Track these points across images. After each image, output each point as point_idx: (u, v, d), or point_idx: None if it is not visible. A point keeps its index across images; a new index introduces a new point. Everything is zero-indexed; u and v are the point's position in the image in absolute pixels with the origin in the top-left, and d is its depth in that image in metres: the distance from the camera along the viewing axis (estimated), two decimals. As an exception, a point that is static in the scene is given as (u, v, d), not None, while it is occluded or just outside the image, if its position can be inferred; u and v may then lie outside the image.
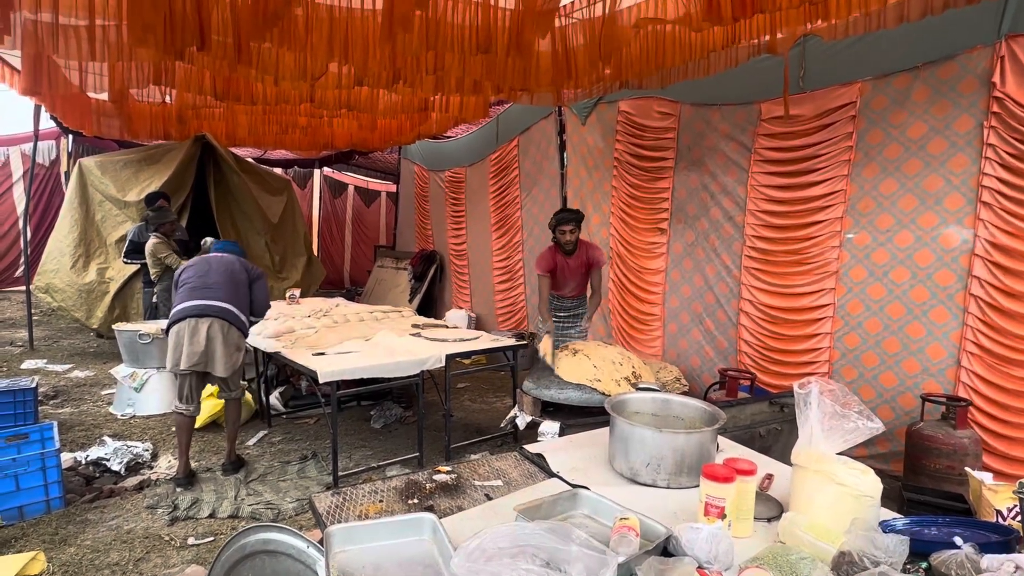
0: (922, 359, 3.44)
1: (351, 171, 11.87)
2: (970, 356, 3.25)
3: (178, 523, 2.99)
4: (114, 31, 3.18)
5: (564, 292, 4.18)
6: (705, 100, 4.50)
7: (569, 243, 3.95)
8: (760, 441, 2.76)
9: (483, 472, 1.70)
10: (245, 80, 4.29)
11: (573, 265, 4.06)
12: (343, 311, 5.05)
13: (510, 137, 6.70)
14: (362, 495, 1.56)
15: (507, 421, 3.42)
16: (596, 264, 4.08)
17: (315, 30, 3.12)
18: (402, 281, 8.67)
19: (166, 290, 5.15)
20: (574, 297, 4.22)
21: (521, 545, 1.00)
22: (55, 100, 4.92)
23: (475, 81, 3.79)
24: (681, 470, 1.53)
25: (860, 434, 1.22)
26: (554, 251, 4.06)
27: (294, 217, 7.85)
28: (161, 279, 5.21)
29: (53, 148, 9.22)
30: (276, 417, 4.57)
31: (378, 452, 3.99)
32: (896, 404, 3.56)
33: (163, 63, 3.83)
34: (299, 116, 5.90)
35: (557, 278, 4.10)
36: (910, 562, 1.13)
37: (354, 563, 1.20)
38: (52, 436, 3.32)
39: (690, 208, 4.75)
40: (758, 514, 1.34)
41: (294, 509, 3.15)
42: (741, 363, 4.39)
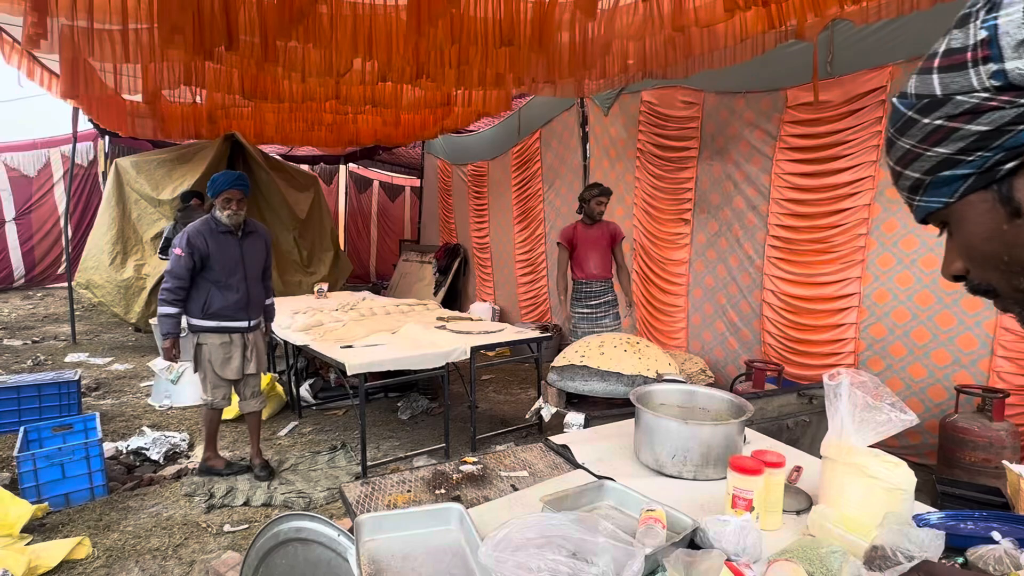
0: (952, 349, 3.33)
1: (376, 167, 11.99)
2: (1004, 346, 3.14)
3: (214, 511, 3.10)
4: (146, 34, 3.27)
5: (588, 270, 4.16)
6: (729, 88, 4.41)
7: (600, 213, 4.09)
8: (788, 433, 2.72)
9: (509, 463, 1.72)
10: (272, 78, 4.37)
11: (595, 236, 4.11)
12: (370, 304, 5.13)
13: (532, 130, 6.68)
14: (390, 485, 1.60)
15: (532, 412, 3.44)
16: (618, 236, 4.18)
17: (340, 27, 3.16)
18: (427, 275, 8.75)
19: None
20: (600, 278, 4.20)
21: (548, 536, 1.01)
22: (92, 103, 5.08)
23: (498, 74, 3.79)
24: (707, 462, 1.52)
25: (893, 426, 1.19)
26: (576, 224, 4.15)
27: (321, 213, 7.97)
28: None
29: (91, 149, 9.54)
30: (306, 408, 4.67)
31: (405, 443, 4.05)
32: (926, 396, 3.46)
33: (193, 64, 3.92)
34: (325, 113, 5.98)
35: (579, 252, 4.14)
36: (946, 557, 1.11)
37: (383, 551, 1.22)
38: (95, 426, 3.46)
39: (713, 198, 4.67)
40: (787, 507, 1.33)
41: (324, 498, 3.23)
42: (765, 354, 4.32)
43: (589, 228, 4.11)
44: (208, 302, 3.26)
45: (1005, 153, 0.44)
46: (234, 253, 3.32)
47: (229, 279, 3.29)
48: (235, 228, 3.32)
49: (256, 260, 3.42)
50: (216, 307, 3.27)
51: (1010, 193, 0.45)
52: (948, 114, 0.45)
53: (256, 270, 3.42)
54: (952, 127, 0.45)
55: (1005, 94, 0.42)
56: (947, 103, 0.45)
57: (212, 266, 3.25)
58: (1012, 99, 0.42)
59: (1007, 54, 0.41)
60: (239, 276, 3.32)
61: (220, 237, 3.28)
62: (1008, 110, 0.42)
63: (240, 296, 3.32)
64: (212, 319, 3.28)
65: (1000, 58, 0.42)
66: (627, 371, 3.02)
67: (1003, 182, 0.45)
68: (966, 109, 0.44)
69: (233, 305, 3.30)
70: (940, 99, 0.45)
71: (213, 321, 3.29)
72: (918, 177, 0.50)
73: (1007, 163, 0.44)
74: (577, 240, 4.13)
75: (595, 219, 4.10)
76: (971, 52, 0.43)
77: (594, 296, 4.20)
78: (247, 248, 3.38)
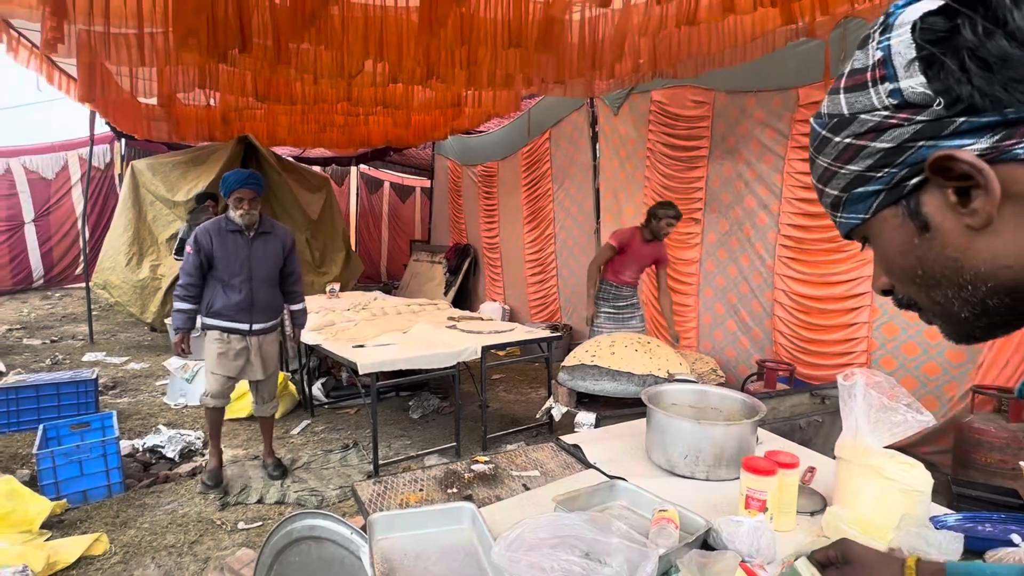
0: (968, 347, 3.29)
1: (386, 168, 12.05)
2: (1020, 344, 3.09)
3: (228, 508, 3.13)
4: (161, 38, 3.31)
5: (623, 277, 4.13)
6: (740, 87, 4.38)
7: (666, 235, 3.99)
8: (800, 433, 2.70)
9: (520, 462, 1.72)
10: (285, 81, 4.41)
11: (646, 252, 4.06)
12: (381, 304, 5.16)
13: (542, 130, 6.68)
14: (403, 484, 1.61)
15: (542, 412, 3.44)
16: (664, 261, 4.11)
17: (351, 29, 3.18)
18: (437, 274, 8.77)
19: None
20: (631, 284, 4.19)
21: (561, 536, 1.01)
22: (108, 106, 5.15)
23: (507, 75, 3.79)
24: (720, 462, 1.51)
25: (908, 427, 1.18)
26: (636, 232, 4.05)
27: (333, 213, 8.03)
28: None
29: (107, 152, 9.68)
30: (318, 407, 4.71)
31: (416, 442, 4.07)
32: (941, 394, 3.42)
33: (207, 67, 3.96)
34: (336, 115, 6.02)
35: (624, 259, 4.07)
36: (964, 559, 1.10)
37: (396, 550, 1.23)
38: (112, 424, 3.52)
39: (724, 197, 4.65)
40: (800, 508, 1.32)
41: (337, 496, 3.25)
42: (777, 354, 4.29)
43: (646, 243, 4.02)
44: (212, 300, 3.24)
45: (909, 169, 0.45)
46: (240, 253, 3.24)
47: (232, 279, 3.22)
48: (247, 228, 3.25)
49: (267, 262, 3.32)
50: (218, 306, 3.24)
51: (917, 208, 0.46)
52: (855, 132, 0.46)
53: (265, 272, 3.31)
54: (860, 145, 0.46)
55: (903, 112, 0.43)
56: (854, 122, 0.46)
57: (216, 265, 3.21)
58: (909, 116, 0.43)
59: (900, 73, 0.43)
60: (243, 277, 3.23)
61: (228, 236, 3.22)
62: (907, 127, 0.43)
63: (242, 297, 3.23)
64: (214, 317, 3.27)
65: (895, 77, 0.43)
66: (638, 371, 3.01)
67: (910, 197, 0.46)
68: (870, 127, 0.45)
69: (234, 306, 3.23)
70: (848, 118, 0.47)
71: (215, 320, 3.27)
72: (836, 194, 0.51)
73: (912, 179, 0.45)
74: (630, 249, 4.03)
75: (658, 237, 4.00)
76: (870, 72, 0.45)
77: (623, 299, 4.16)
78: (257, 249, 3.29)
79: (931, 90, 0.42)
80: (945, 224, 0.45)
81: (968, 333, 0.50)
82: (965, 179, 0.42)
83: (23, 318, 8.15)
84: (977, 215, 0.43)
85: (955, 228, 0.45)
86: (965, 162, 0.41)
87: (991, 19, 0.40)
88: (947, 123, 0.42)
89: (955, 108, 0.41)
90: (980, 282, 0.45)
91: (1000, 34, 0.39)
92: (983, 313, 0.47)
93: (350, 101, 4.83)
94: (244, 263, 3.24)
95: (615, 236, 4.07)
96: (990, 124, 0.41)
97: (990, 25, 0.40)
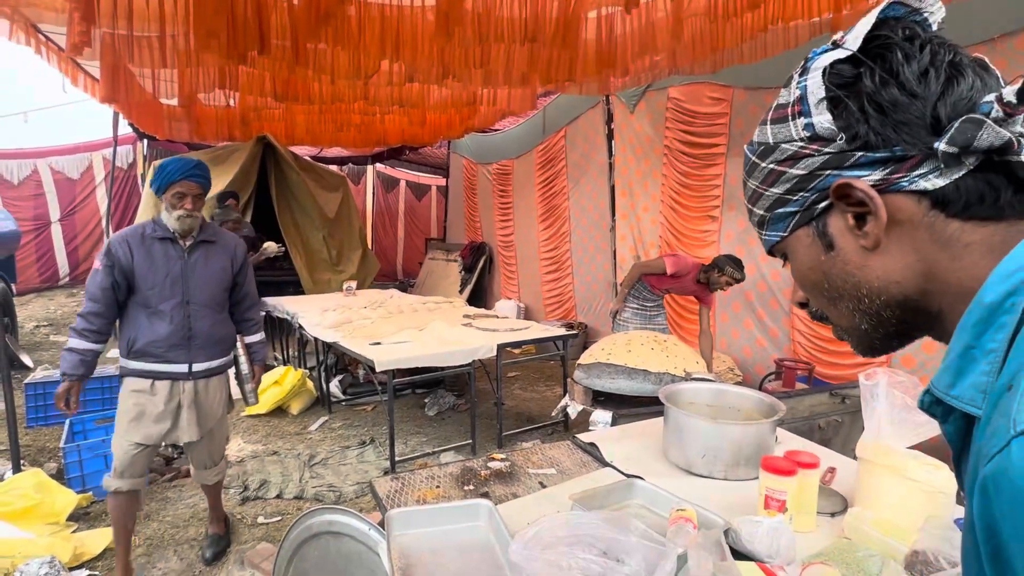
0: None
1: (402, 166, 12.11)
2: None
3: (248, 502, 3.18)
4: (183, 39, 3.36)
5: (658, 290, 4.08)
6: (759, 83, 4.32)
7: (716, 288, 3.82)
8: (820, 433, 2.66)
9: (537, 460, 1.72)
10: (303, 81, 4.46)
11: (693, 288, 3.96)
12: (397, 302, 5.19)
13: (557, 128, 6.66)
14: (420, 480, 1.62)
15: (558, 410, 3.44)
16: (709, 304, 3.99)
17: (367, 29, 3.20)
18: (452, 272, 8.81)
19: None
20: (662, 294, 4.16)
21: (579, 534, 1.01)
22: (131, 107, 5.25)
23: (523, 73, 3.79)
24: (738, 462, 1.50)
25: (933, 428, 1.16)
26: (695, 269, 3.89)
27: (350, 212, 8.09)
28: None
29: (130, 152, 9.86)
30: (336, 404, 4.76)
31: (432, 439, 4.10)
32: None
33: (227, 68, 4.02)
34: (353, 114, 6.07)
35: (670, 282, 3.96)
36: (988, 563, 1.08)
37: (414, 546, 1.24)
38: (136, 420, 3.58)
39: (742, 195, 4.58)
40: (821, 508, 1.30)
41: (354, 492, 3.29)
42: (795, 353, 4.23)
43: (698, 283, 3.91)
44: (134, 335, 2.38)
45: (819, 194, 0.51)
46: (171, 268, 2.40)
47: (161, 304, 2.37)
48: (181, 235, 2.43)
49: (209, 280, 2.48)
50: (142, 343, 2.37)
51: (824, 229, 0.52)
52: (777, 159, 0.53)
53: (207, 293, 2.47)
54: (780, 170, 0.53)
55: (814, 143, 0.50)
56: (776, 150, 0.53)
57: (139, 285, 2.36)
58: (819, 148, 0.49)
59: (812, 110, 0.49)
60: (176, 301, 2.39)
61: (154, 246, 2.39)
62: (817, 157, 0.50)
63: (174, 328, 2.38)
64: (137, 358, 2.39)
65: (809, 113, 0.50)
66: (654, 368, 3.00)
67: (819, 219, 0.53)
68: (789, 155, 0.52)
69: (164, 340, 2.37)
70: (771, 146, 0.53)
71: (138, 362, 2.39)
72: (761, 214, 0.57)
73: (821, 203, 0.52)
74: (680, 280, 3.91)
75: (710, 289, 3.87)
76: (791, 107, 0.51)
77: (652, 300, 4.12)
78: (196, 263, 2.45)
79: (836, 126, 0.48)
80: (845, 244, 0.51)
81: (869, 344, 0.55)
82: (861, 205, 0.48)
83: (50, 315, 8.35)
84: (869, 237, 0.49)
85: (853, 248, 0.51)
86: (860, 190, 0.48)
87: (887, 71, 0.46)
88: (848, 155, 0.48)
89: (855, 143, 0.48)
90: (874, 295, 0.51)
91: (893, 84, 0.46)
92: (879, 324, 0.53)
93: (367, 100, 4.86)
94: (178, 282, 2.40)
95: (674, 263, 3.87)
96: (882, 159, 0.47)
97: (886, 75, 0.46)
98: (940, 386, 0.42)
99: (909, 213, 0.47)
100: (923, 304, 0.50)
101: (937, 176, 0.45)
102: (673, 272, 3.86)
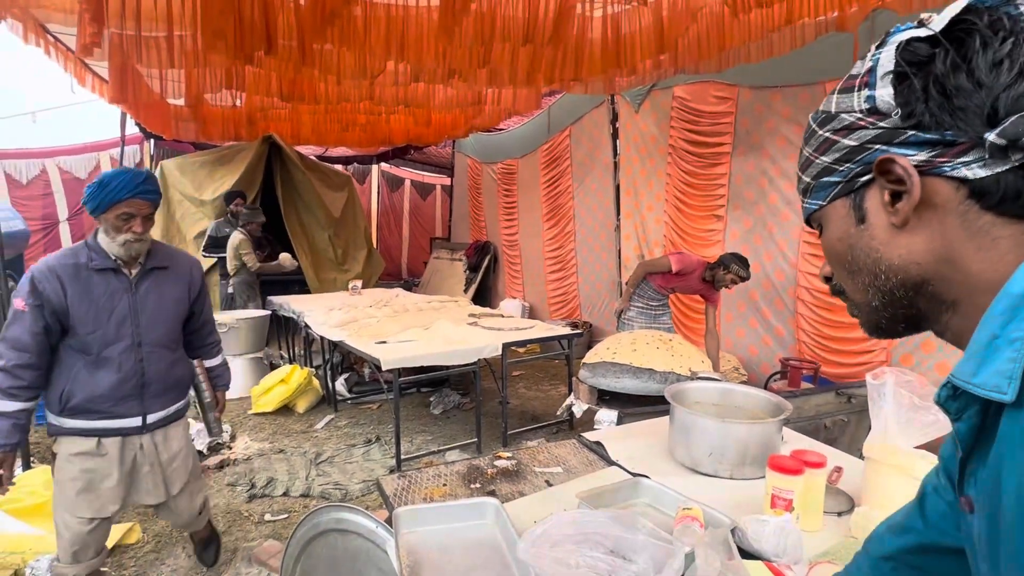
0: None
1: (407, 166, 12.13)
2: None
3: (255, 500, 3.20)
4: (190, 40, 3.38)
5: (664, 289, 4.09)
6: (765, 82, 4.32)
7: (724, 287, 3.84)
8: (826, 433, 2.66)
9: (543, 459, 1.73)
10: (309, 81, 4.47)
11: (698, 287, 3.96)
12: (403, 301, 5.21)
13: (562, 127, 6.66)
14: (426, 478, 1.63)
15: (563, 409, 3.45)
16: (714, 302, 3.99)
17: (373, 29, 3.21)
18: (457, 272, 8.82)
19: (243, 283, 5.54)
20: (667, 293, 4.16)
21: (586, 532, 1.02)
22: (139, 107, 5.28)
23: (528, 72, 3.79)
24: (744, 461, 1.50)
25: (940, 427, 1.16)
26: (700, 267, 3.89)
27: (355, 211, 8.12)
28: (238, 272, 5.57)
29: (137, 152, 9.91)
30: (342, 402, 4.78)
31: (438, 437, 4.11)
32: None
33: (234, 68, 4.04)
34: (358, 114, 6.09)
35: (676, 281, 3.97)
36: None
37: (421, 544, 1.25)
38: (144, 418, 3.61)
39: (747, 194, 4.59)
40: (827, 508, 1.31)
41: (360, 490, 3.30)
42: (800, 352, 4.22)
43: (703, 281, 3.92)
44: (69, 389, 1.91)
45: (863, 167, 0.52)
46: (116, 305, 1.94)
47: (106, 349, 1.93)
48: (127, 263, 1.96)
49: (163, 315, 2.05)
50: (80, 398, 1.91)
51: (861, 202, 0.54)
52: (834, 128, 0.54)
53: (161, 331, 2.05)
54: (834, 139, 0.54)
55: (871, 116, 0.50)
56: (835, 119, 0.54)
57: (75, 328, 1.89)
58: (874, 121, 0.50)
59: (878, 82, 0.50)
60: (125, 344, 1.95)
61: (92, 279, 1.91)
62: (870, 130, 0.51)
63: (123, 377, 1.95)
64: (75, 416, 1.93)
65: (874, 85, 0.50)
66: (660, 368, 3.00)
67: (858, 192, 0.54)
68: (845, 125, 0.52)
69: (110, 393, 1.94)
70: (832, 115, 0.54)
71: (77, 419, 1.94)
72: (808, 181, 0.59)
73: (863, 176, 0.53)
74: (685, 278, 3.91)
75: (715, 285, 3.87)
76: (860, 78, 0.52)
77: (657, 300, 4.13)
78: (147, 295, 2.00)
79: (895, 102, 0.49)
80: (876, 220, 0.52)
81: (877, 323, 0.57)
82: (899, 183, 0.49)
83: (58, 314, 8.40)
84: (899, 214, 0.50)
85: (882, 224, 0.52)
86: (901, 167, 0.48)
87: (961, 56, 0.46)
88: (899, 132, 0.49)
89: (909, 121, 0.48)
90: (892, 274, 0.52)
91: (963, 70, 0.46)
92: (890, 303, 0.54)
93: (372, 100, 4.88)
94: (126, 321, 1.96)
95: (679, 260, 3.89)
96: (930, 141, 0.47)
97: (959, 60, 0.46)
98: (962, 375, 0.43)
99: (944, 198, 0.48)
100: (939, 291, 0.50)
101: (980, 167, 0.46)
102: (679, 270, 3.87)
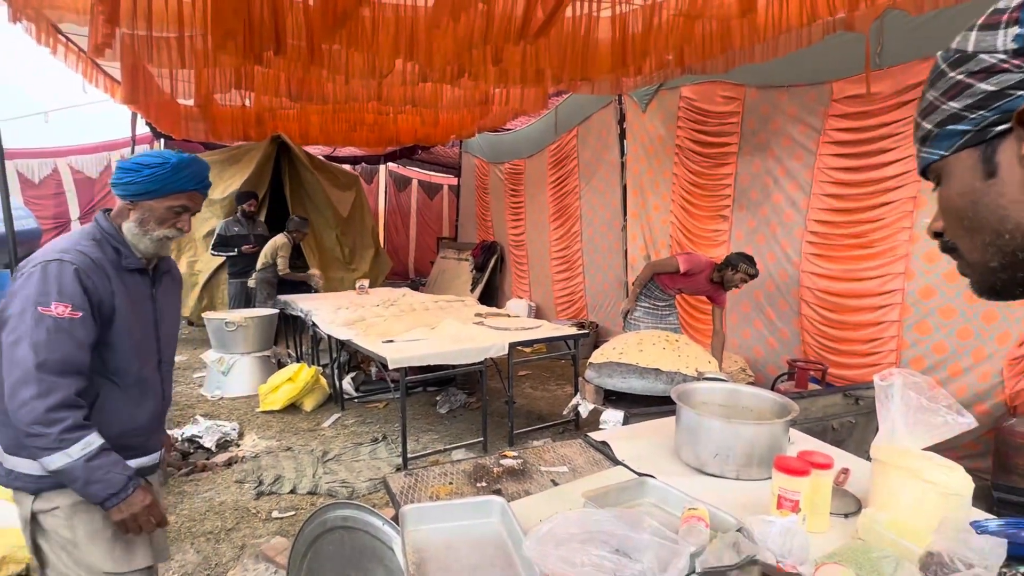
0: (996, 349, 3.19)
1: (415, 166, 12.17)
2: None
3: (263, 497, 3.23)
4: (200, 40, 3.41)
5: (670, 289, 4.09)
6: (772, 82, 4.30)
7: (731, 286, 3.84)
8: (833, 434, 2.65)
9: (549, 458, 1.73)
10: (317, 81, 4.49)
11: (706, 288, 3.96)
12: (409, 300, 5.23)
13: (569, 127, 6.66)
14: (433, 477, 1.63)
15: (569, 409, 3.44)
16: (721, 303, 3.99)
17: (381, 29, 3.22)
18: (464, 271, 8.84)
19: (265, 280, 5.72)
20: (674, 294, 4.16)
21: (591, 531, 1.02)
22: (150, 107, 5.32)
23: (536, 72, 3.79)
24: (751, 462, 1.50)
25: (949, 429, 1.15)
26: (708, 267, 3.89)
27: (362, 211, 8.16)
28: (264, 269, 5.71)
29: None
30: (348, 401, 4.80)
31: (444, 436, 4.12)
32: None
33: (243, 68, 4.07)
34: (366, 114, 6.11)
35: (683, 281, 3.96)
36: (1006, 566, 1.07)
37: (427, 541, 1.25)
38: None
39: (752, 194, 4.57)
40: (834, 509, 1.30)
41: (367, 488, 3.32)
42: (804, 353, 4.21)
43: (711, 282, 3.92)
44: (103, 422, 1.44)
45: (1000, 116, 0.46)
46: (146, 315, 1.61)
47: (142, 367, 1.56)
48: (150, 261, 1.62)
49: (175, 325, 1.80)
50: (116, 431, 1.46)
51: (992, 154, 0.48)
52: (969, 70, 0.47)
53: (175, 344, 1.79)
54: (968, 83, 0.48)
55: (1018, 58, 0.44)
56: (972, 59, 0.47)
57: (113, 343, 1.48)
58: (1020, 63, 0.44)
59: None
60: (155, 362, 1.63)
61: (126, 280, 1.53)
62: (1015, 73, 0.44)
63: (157, 403, 1.63)
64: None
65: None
66: (666, 368, 3.00)
67: (990, 143, 0.48)
68: (984, 67, 0.46)
69: (148, 423, 1.60)
70: (969, 55, 0.48)
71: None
72: (929, 128, 0.53)
73: (999, 125, 0.47)
74: (693, 279, 3.90)
75: (724, 285, 3.87)
76: (1008, 14, 0.45)
77: (664, 300, 4.13)
78: (163, 304, 1.69)
79: None
80: (1010, 176, 0.47)
81: (991, 284, 0.52)
82: None
83: (69, 312, 8.49)
84: None
85: (1016, 180, 0.47)
86: None
87: None
88: None
89: None
90: (1019, 233, 0.47)
91: None
92: (1010, 265, 0.49)
93: (380, 100, 4.89)
94: (151, 333, 1.63)
95: (687, 261, 3.88)
96: None
97: None
98: None
99: None
100: None
101: None
102: (686, 270, 3.86)
